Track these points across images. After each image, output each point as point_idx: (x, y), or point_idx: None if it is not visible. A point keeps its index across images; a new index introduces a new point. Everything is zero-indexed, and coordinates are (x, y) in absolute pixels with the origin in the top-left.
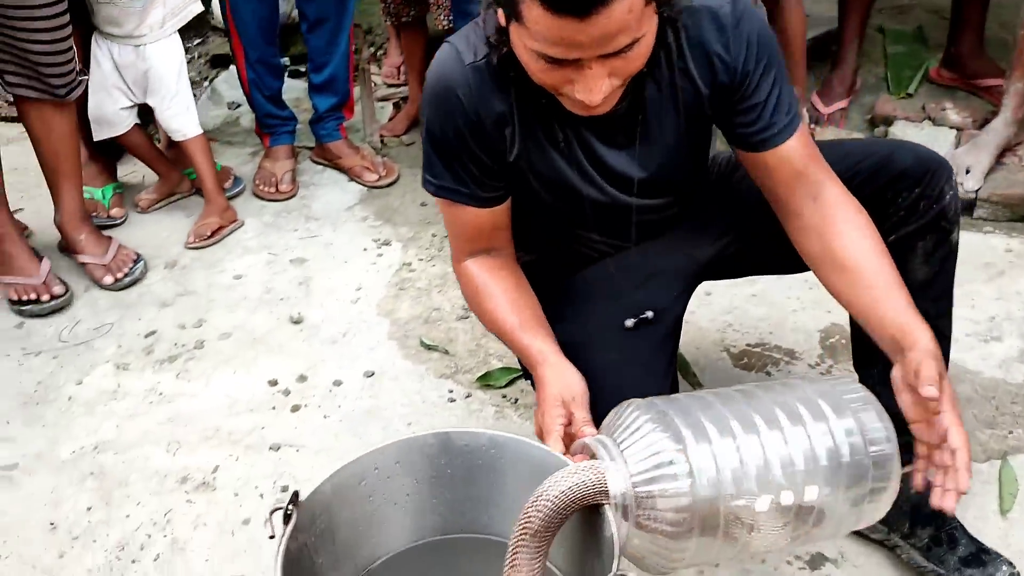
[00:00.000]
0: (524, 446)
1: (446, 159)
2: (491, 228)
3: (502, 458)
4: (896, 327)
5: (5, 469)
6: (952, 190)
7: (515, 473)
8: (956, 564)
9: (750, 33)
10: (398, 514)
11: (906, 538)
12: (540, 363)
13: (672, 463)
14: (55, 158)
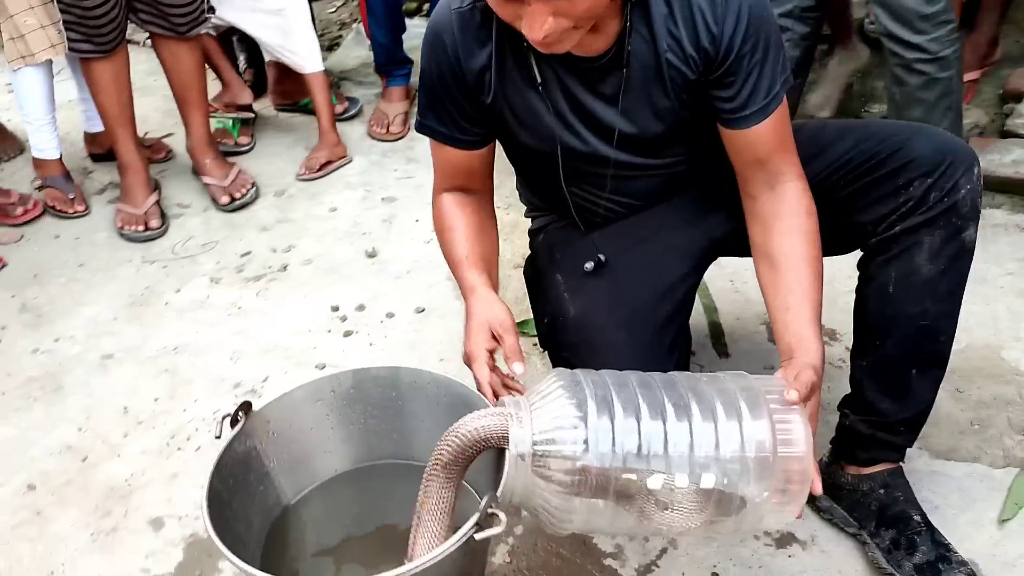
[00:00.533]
0: (459, 387)
1: (432, 100)
2: (467, 169)
3: (444, 395)
4: (795, 336)
5: (104, 357)
6: (970, 184)
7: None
8: (910, 570)
9: (742, 8)
10: (352, 435)
11: (872, 536)
12: (471, 293)
13: (569, 429)
14: (183, 89)
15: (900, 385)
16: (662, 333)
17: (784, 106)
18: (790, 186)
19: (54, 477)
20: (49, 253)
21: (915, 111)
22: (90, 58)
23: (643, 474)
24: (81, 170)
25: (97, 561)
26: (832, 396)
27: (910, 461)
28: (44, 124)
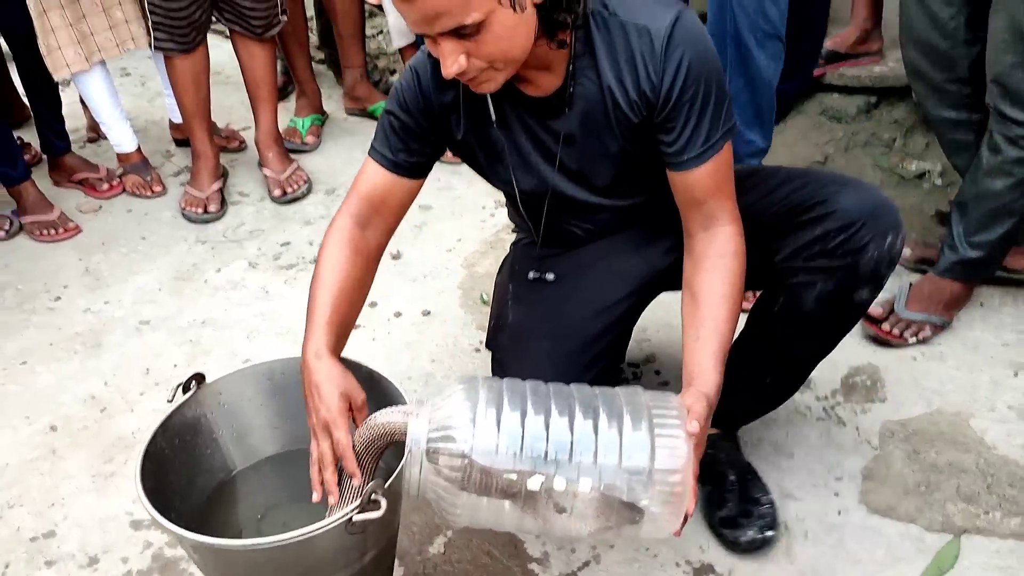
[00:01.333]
0: (390, 385)
1: (391, 127)
2: (383, 197)
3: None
4: (698, 365)
5: (141, 323)
6: (879, 251)
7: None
8: (716, 522)
9: (682, 59)
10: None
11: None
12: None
13: (459, 429)
14: (255, 85)
15: (750, 382)
16: (586, 348)
17: (725, 153)
18: (723, 229)
19: (74, 422)
20: (119, 225)
21: (997, 182)
22: (172, 55)
23: (523, 475)
24: (164, 153)
25: (92, 500)
26: (790, 440)
27: (846, 513)
28: (115, 121)
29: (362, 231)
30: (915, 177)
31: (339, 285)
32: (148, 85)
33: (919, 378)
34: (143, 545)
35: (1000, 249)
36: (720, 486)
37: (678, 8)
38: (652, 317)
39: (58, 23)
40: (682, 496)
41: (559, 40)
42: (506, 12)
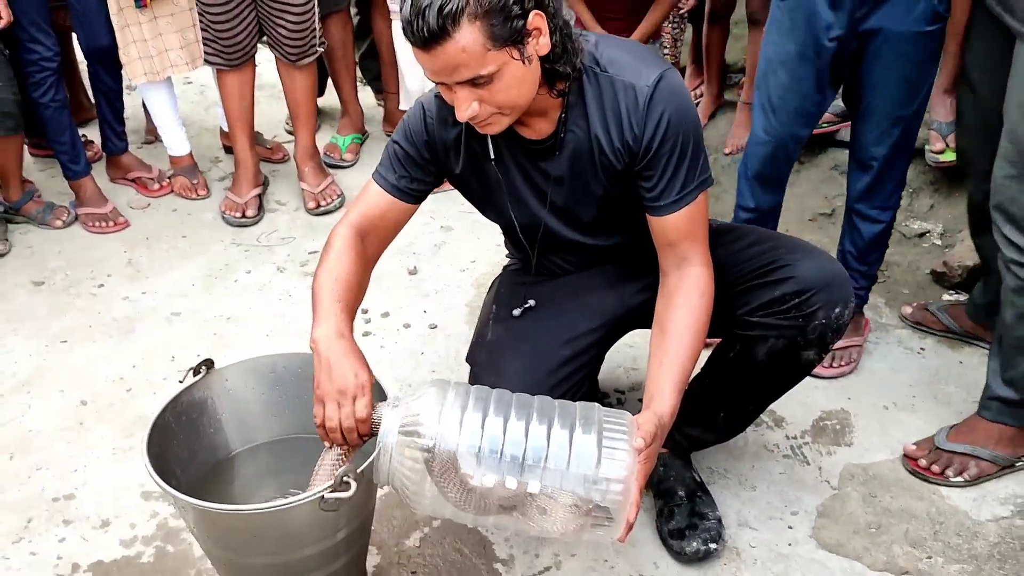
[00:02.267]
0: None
1: (395, 155)
2: (381, 216)
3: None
4: (657, 388)
5: (173, 314)
6: (827, 319)
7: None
8: (666, 534)
9: (663, 114)
10: (298, 407)
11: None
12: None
13: (426, 425)
14: (295, 106)
15: (705, 414)
16: (553, 372)
17: (700, 202)
18: (694, 270)
19: (102, 399)
20: (164, 222)
21: (1007, 313)
22: (221, 69)
23: (479, 472)
24: (213, 159)
25: (110, 470)
26: (755, 473)
27: (796, 545)
28: (172, 127)
29: (361, 241)
30: (916, 236)
31: (345, 279)
32: (206, 94)
33: (888, 427)
34: (150, 514)
35: None
36: (670, 501)
37: (663, 68)
38: (643, 349)
39: (137, 37)
40: (624, 504)
41: (558, 90)
42: (516, 64)
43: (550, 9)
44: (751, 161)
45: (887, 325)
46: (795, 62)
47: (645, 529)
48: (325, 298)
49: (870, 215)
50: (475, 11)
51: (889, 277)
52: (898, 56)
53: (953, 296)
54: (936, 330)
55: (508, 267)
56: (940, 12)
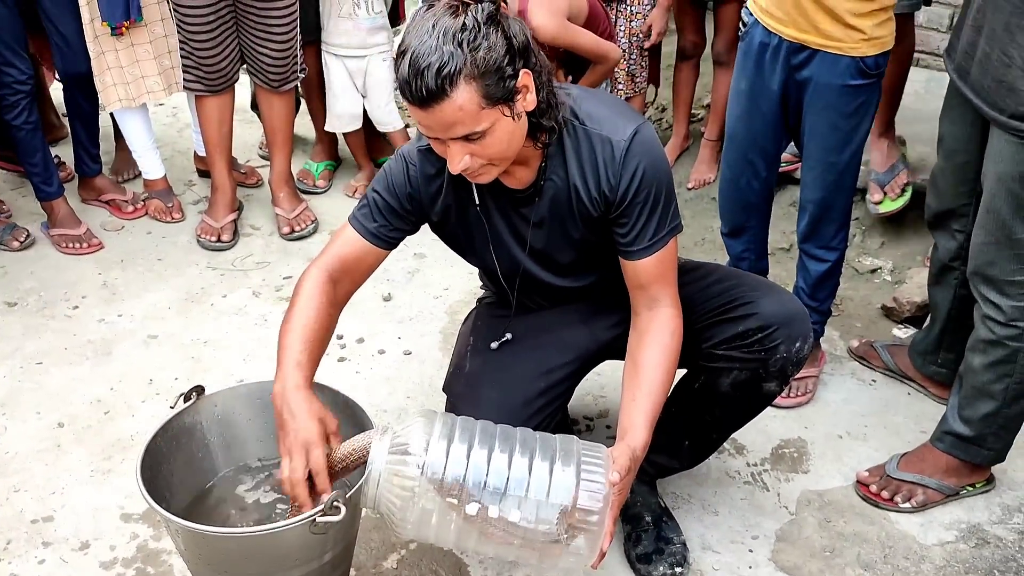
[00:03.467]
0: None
1: (375, 202)
2: (356, 260)
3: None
4: (630, 422)
5: (150, 337)
6: (787, 353)
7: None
8: (634, 558)
9: (637, 167)
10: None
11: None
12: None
13: (413, 454)
14: (272, 132)
15: (670, 442)
16: (529, 403)
17: (670, 248)
18: (664, 311)
19: (80, 421)
20: (139, 244)
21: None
22: (200, 95)
23: (463, 501)
24: (187, 182)
25: (88, 492)
26: (717, 498)
27: (756, 568)
28: (147, 151)
29: (332, 285)
30: (868, 272)
31: (311, 328)
32: (179, 116)
33: (842, 455)
34: (130, 536)
35: (993, 432)
36: (637, 526)
37: (638, 122)
38: (611, 377)
39: (113, 63)
40: (598, 534)
41: (541, 142)
42: (507, 120)
43: (537, 68)
44: (720, 209)
45: (840, 357)
46: (747, 99)
47: (614, 553)
48: (289, 351)
49: (816, 255)
50: (471, 72)
51: (843, 311)
52: (826, 106)
53: (903, 329)
54: (876, 367)
55: (483, 299)
56: (865, 69)
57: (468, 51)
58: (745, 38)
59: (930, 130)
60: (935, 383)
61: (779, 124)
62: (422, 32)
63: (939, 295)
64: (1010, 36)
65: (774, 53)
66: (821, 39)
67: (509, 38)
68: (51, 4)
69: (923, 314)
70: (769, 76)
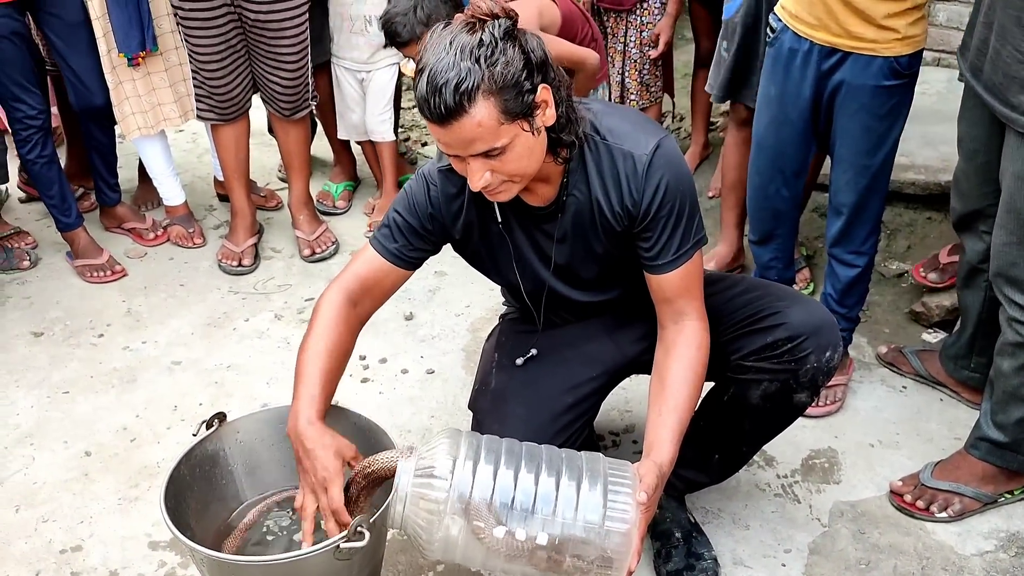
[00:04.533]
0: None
1: (396, 223)
2: (377, 281)
3: (372, 437)
4: (656, 438)
5: (173, 363)
6: (818, 363)
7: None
8: (664, 574)
9: (660, 181)
10: None
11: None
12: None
13: (440, 476)
14: (288, 157)
15: (699, 456)
16: (556, 419)
17: (695, 261)
18: (690, 324)
19: (106, 449)
20: (161, 271)
21: (1004, 362)
22: (215, 124)
23: (490, 523)
24: (207, 207)
25: (116, 520)
26: (748, 512)
27: None
28: (167, 177)
29: (352, 307)
30: (895, 276)
31: (327, 357)
32: (198, 142)
33: (874, 464)
34: (158, 564)
35: None
36: (667, 543)
37: (660, 136)
38: (636, 391)
39: (131, 93)
40: (626, 555)
41: (562, 157)
42: (527, 136)
43: (555, 82)
44: (749, 217)
45: (870, 364)
46: (776, 105)
47: (643, 570)
48: (306, 381)
49: (845, 259)
50: (490, 88)
51: (871, 317)
52: (860, 108)
53: (932, 334)
54: (907, 373)
55: (506, 315)
56: (899, 69)
57: (486, 67)
58: (774, 44)
59: (952, 130)
60: (968, 388)
61: (809, 130)
62: (439, 49)
63: (969, 298)
64: (1022, 31)
65: (805, 58)
66: (854, 41)
67: (527, 53)
68: (60, 40)
69: (953, 317)
70: (799, 81)
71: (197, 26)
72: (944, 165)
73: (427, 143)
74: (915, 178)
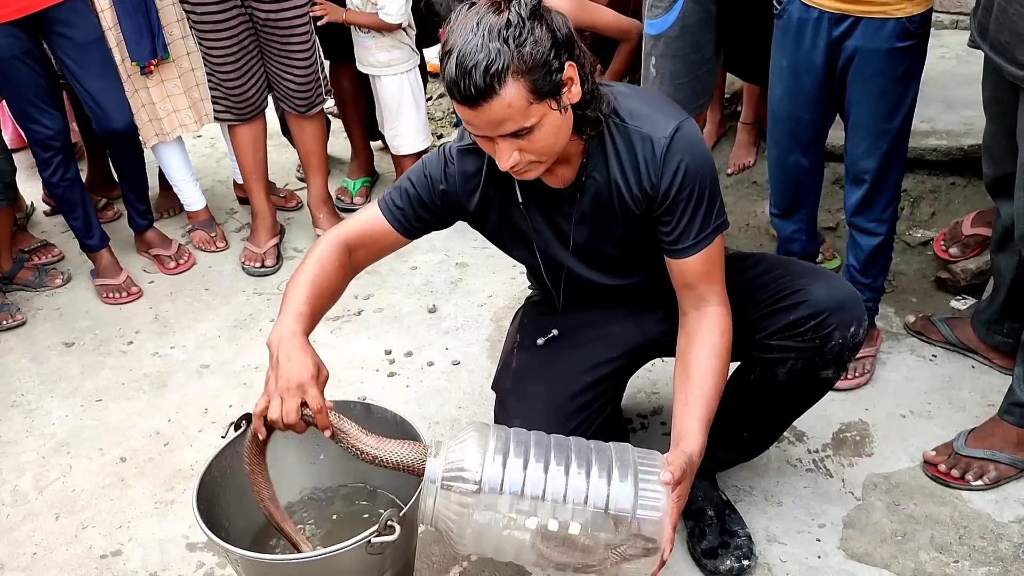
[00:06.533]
0: (409, 427)
1: (408, 191)
2: (376, 240)
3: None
4: (684, 427)
5: (202, 366)
6: (843, 338)
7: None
8: (699, 554)
9: (679, 164)
10: (331, 454)
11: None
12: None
13: (470, 470)
14: (306, 155)
15: (729, 435)
16: (574, 398)
17: (716, 245)
18: (712, 310)
19: (141, 454)
20: (186, 276)
21: None
22: (232, 125)
23: (522, 514)
24: (228, 211)
25: (154, 523)
26: (780, 488)
27: (825, 557)
28: (186, 183)
29: (348, 253)
30: (920, 244)
31: (317, 283)
32: (217, 146)
33: (906, 435)
34: (196, 565)
35: None
36: (700, 521)
37: (680, 119)
38: (663, 374)
39: (146, 100)
40: (659, 543)
41: (586, 134)
42: (555, 114)
43: (580, 59)
44: (771, 190)
45: (898, 334)
46: (789, 76)
47: (678, 550)
48: (292, 301)
49: (867, 228)
50: (519, 68)
51: (897, 286)
52: (875, 72)
53: (960, 300)
54: (936, 341)
55: (531, 298)
56: (911, 29)
57: (514, 47)
58: (783, 16)
59: (973, 93)
60: (1001, 354)
61: (824, 99)
62: (467, 31)
63: (1003, 261)
64: None
65: (815, 27)
66: (864, 5)
67: (553, 31)
68: (72, 62)
69: (980, 282)
70: (811, 50)
71: (210, 29)
72: (966, 129)
73: (443, 135)
74: (937, 143)
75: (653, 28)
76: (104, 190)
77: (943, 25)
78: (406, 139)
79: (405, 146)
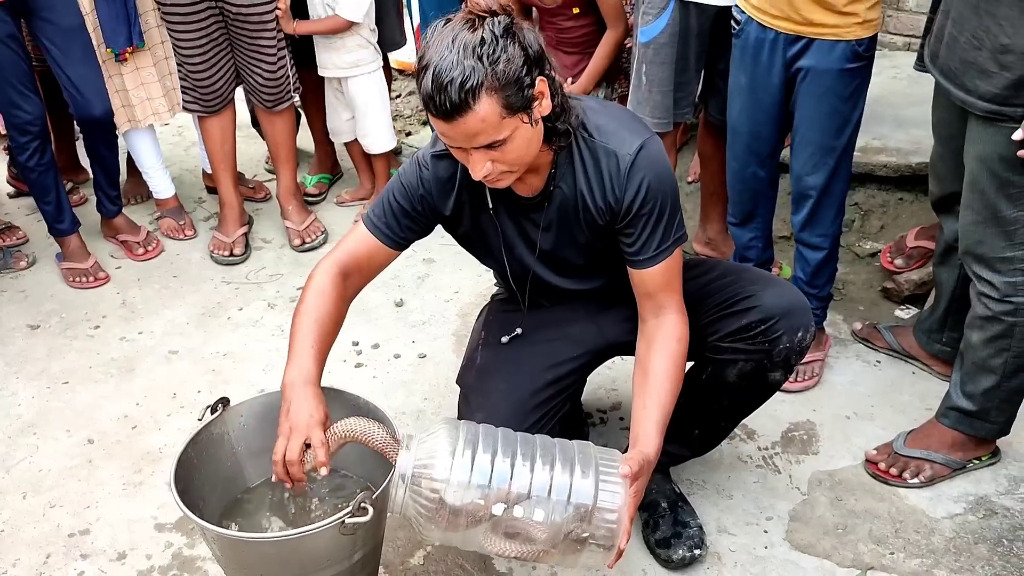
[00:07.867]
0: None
1: (389, 204)
2: (367, 258)
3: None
4: (642, 429)
5: (170, 352)
6: (791, 343)
7: None
8: (653, 544)
9: (642, 180)
10: None
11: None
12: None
13: (439, 463)
14: (275, 148)
15: (681, 431)
16: (535, 394)
17: (675, 257)
18: (670, 318)
19: (108, 436)
20: (154, 263)
21: (973, 335)
22: (201, 116)
23: (489, 503)
24: (197, 199)
25: (123, 504)
26: (731, 482)
27: (771, 547)
28: (156, 171)
29: (343, 280)
30: (868, 255)
31: (323, 322)
32: (185, 135)
33: (850, 435)
34: (165, 545)
35: (995, 406)
36: (654, 513)
37: (644, 136)
38: (622, 371)
39: (120, 87)
40: (616, 532)
41: (556, 145)
42: (526, 127)
43: (550, 74)
44: (730, 200)
45: (845, 340)
46: (747, 93)
47: (634, 540)
48: (301, 341)
49: (813, 243)
50: (492, 84)
51: (845, 295)
52: (826, 91)
53: (904, 310)
54: (881, 348)
55: (496, 296)
56: (860, 52)
57: (488, 64)
58: (740, 35)
59: (923, 113)
60: (940, 361)
61: (780, 114)
62: (442, 47)
63: (944, 275)
64: (979, 19)
65: (771, 47)
66: (817, 28)
67: (525, 48)
68: (55, 47)
69: (923, 292)
70: (768, 69)
71: (179, 20)
72: (915, 148)
73: (411, 132)
74: (887, 160)
75: (644, 35)
76: (71, 174)
77: (896, 47)
78: (376, 139)
79: (376, 145)
